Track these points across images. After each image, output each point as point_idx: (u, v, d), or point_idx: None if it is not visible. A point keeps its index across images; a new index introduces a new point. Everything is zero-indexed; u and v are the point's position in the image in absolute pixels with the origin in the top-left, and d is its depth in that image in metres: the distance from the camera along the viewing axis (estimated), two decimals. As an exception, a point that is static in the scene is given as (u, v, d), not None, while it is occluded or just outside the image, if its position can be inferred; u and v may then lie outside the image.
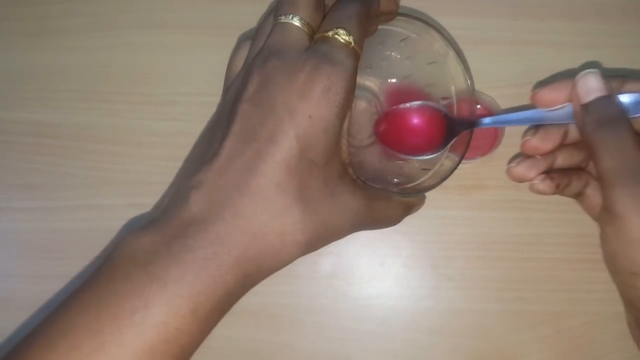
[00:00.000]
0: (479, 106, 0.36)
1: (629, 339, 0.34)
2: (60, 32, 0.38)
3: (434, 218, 0.37)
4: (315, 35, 0.27)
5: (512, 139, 0.37)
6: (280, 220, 0.25)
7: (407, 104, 0.33)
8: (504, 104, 0.36)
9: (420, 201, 0.33)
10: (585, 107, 0.29)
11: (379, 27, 0.31)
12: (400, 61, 0.33)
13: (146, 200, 0.37)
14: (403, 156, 0.33)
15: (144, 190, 0.37)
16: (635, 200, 0.26)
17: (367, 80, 0.35)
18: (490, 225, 0.37)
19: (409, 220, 0.37)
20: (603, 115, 0.28)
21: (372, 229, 0.31)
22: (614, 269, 0.28)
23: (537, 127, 0.32)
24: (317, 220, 0.26)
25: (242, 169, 0.25)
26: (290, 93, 0.25)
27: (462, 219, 0.37)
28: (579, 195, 0.32)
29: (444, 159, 0.32)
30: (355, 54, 0.26)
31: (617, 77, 0.30)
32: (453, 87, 0.32)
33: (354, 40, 0.26)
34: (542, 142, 0.31)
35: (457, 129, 0.32)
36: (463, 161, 0.36)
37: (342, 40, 0.26)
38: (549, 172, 0.31)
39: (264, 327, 0.37)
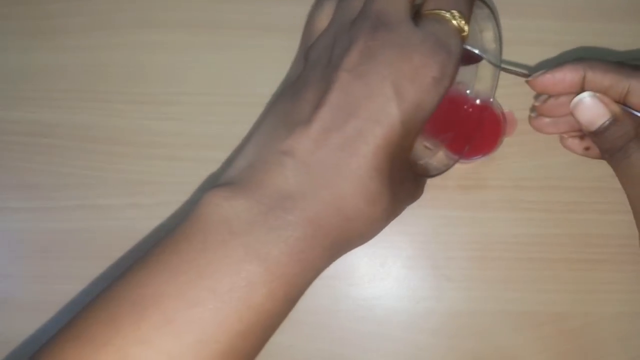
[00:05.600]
0: (478, 101, 0.36)
1: (631, 340, 0.34)
2: (59, 31, 0.38)
3: (435, 218, 0.37)
4: (427, 8, 0.25)
5: (513, 139, 0.37)
6: (372, 207, 0.24)
7: None
8: (504, 104, 0.36)
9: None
10: (594, 134, 0.28)
11: None
12: None
13: (145, 200, 0.37)
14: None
15: (144, 190, 0.37)
16: None
17: None
18: (492, 225, 0.37)
19: (409, 220, 0.37)
20: (614, 144, 0.27)
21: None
22: None
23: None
24: (396, 207, 0.25)
25: (342, 145, 0.23)
26: (401, 74, 0.23)
27: (463, 219, 0.37)
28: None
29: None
30: (463, 42, 0.25)
31: (618, 78, 0.28)
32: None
33: (465, 25, 0.25)
34: (551, 80, 0.29)
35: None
36: (464, 161, 0.36)
37: (456, 25, 0.24)
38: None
39: (264, 327, 0.37)
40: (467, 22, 0.25)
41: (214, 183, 0.25)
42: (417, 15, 0.26)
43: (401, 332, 0.37)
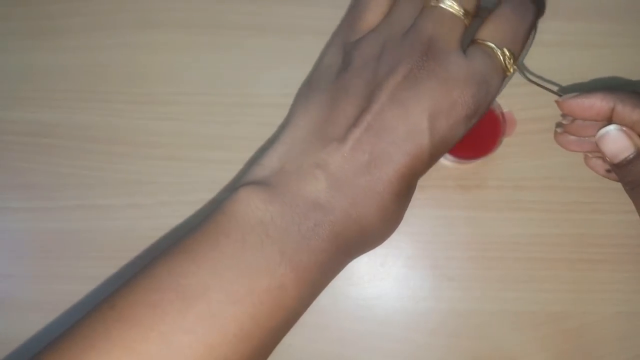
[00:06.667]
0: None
1: (630, 339, 0.34)
2: (59, 31, 0.38)
3: (435, 218, 0.37)
4: (481, 36, 0.25)
5: (513, 139, 0.37)
6: (388, 225, 0.26)
7: None
8: (504, 104, 0.36)
9: None
10: (617, 167, 0.28)
11: None
12: None
13: (145, 200, 0.37)
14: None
15: (143, 190, 0.37)
16: None
17: None
18: (491, 225, 0.37)
19: (409, 220, 0.37)
20: (637, 177, 0.28)
21: None
22: None
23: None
24: (403, 215, 0.27)
25: (371, 167, 0.24)
26: (439, 108, 0.24)
27: (463, 219, 0.37)
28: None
29: None
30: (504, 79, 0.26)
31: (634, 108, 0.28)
32: None
33: (512, 67, 0.25)
34: (580, 105, 0.29)
35: None
36: (464, 161, 0.36)
37: (502, 65, 0.25)
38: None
39: (264, 327, 0.37)
40: (515, 62, 0.25)
41: (242, 179, 0.26)
42: (469, 36, 0.26)
43: (401, 332, 0.37)
